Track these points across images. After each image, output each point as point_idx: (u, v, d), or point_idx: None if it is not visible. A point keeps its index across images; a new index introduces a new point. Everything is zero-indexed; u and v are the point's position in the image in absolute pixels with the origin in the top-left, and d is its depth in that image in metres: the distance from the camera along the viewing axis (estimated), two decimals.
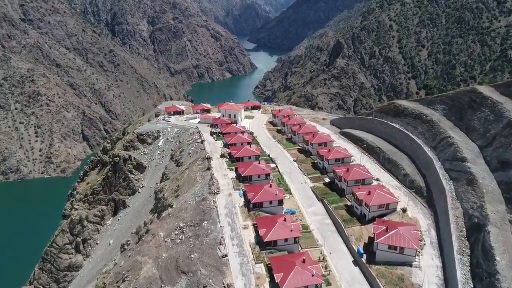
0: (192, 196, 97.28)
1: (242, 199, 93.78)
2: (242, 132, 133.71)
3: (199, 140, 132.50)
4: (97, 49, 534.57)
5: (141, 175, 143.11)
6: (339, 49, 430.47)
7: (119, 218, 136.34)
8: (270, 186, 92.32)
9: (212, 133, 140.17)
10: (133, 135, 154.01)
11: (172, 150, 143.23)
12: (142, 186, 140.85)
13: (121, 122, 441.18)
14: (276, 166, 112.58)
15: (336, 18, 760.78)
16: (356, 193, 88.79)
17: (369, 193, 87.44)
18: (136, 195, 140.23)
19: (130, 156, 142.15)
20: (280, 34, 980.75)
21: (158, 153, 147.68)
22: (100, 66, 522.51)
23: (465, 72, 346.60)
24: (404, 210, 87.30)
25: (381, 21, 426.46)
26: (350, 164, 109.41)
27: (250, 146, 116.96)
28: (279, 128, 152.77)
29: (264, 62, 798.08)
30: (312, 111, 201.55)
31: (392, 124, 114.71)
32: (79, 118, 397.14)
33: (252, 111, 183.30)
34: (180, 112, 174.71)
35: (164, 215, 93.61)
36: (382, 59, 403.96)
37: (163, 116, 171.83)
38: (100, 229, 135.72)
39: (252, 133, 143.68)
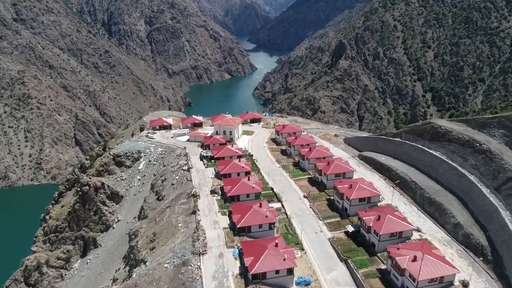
0: (170, 253, 72.36)
1: (238, 263, 68.50)
2: (239, 157, 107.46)
3: (185, 167, 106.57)
4: (92, 49, 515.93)
5: (117, 206, 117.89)
6: (342, 50, 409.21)
7: (88, 261, 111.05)
8: (276, 245, 67.36)
9: (202, 157, 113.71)
10: (108, 157, 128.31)
11: (154, 175, 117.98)
12: (118, 221, 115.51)
13: (116, 125, 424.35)
14: (283, 206, 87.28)
15: (337, 18, 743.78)
16: (396, 258, 63.59)
17: (415, 259, 62.46)
18: (110, 232, 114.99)
19: (103, 183, 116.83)
20: (280, 35, 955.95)
21: (138, 179, 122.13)
22: (95, 67, 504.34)
23: (473, 74, 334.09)
24: (465, 285, 62.16)
25: (385, 21, 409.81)
26: (379, 204, 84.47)
27: (249, 179, 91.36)
28: (283, 148, 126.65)
29: (263, 63, 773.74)
30: (321, 125, 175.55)
31: (430, 151, 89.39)
32: (72, 121, 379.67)
33: (252, 124, 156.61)
34: (167, 127, 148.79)
35: (130, 283, 68.56)
36: (386, 60, 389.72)
37: (146, 132, 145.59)
38: (65, 275, 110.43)
39: (252, 155, 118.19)
